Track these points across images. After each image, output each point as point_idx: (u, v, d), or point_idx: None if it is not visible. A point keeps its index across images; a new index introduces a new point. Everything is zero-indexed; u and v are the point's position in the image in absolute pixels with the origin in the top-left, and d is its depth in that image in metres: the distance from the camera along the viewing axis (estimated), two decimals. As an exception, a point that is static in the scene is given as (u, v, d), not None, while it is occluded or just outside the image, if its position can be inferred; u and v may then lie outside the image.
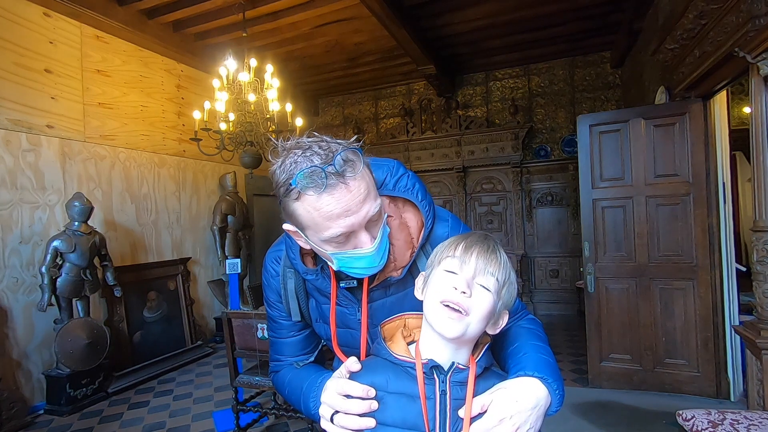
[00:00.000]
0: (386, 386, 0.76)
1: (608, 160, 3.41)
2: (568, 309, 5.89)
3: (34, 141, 3.51)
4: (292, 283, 0.96)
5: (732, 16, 2.39)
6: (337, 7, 4.18)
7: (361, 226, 0.75)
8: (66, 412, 3.25)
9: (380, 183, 0.88)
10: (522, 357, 0.80)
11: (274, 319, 1.03)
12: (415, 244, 0.89)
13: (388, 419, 0.74)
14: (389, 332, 0.84)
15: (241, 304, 4.00)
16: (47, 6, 3.60)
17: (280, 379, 1.02)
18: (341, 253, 0.78)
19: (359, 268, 0.80)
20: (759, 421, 1.76)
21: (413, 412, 0.74)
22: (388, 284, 0.89)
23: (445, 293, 0.73)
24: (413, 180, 0.90)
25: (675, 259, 3.21)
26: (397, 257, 0.88)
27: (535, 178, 6.09)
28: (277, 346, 1.04)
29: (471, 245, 0.75)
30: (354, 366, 0.80)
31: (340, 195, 0.71)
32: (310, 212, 0.73)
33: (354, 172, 0.71)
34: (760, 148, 2.15)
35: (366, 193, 0.74)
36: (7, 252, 3.30)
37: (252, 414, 2.80)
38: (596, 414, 2.96)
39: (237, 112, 3.73)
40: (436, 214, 0.92)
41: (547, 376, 0.75)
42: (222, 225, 5.08)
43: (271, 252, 1.01)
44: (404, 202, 0.91)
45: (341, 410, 0.76)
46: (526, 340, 0.86)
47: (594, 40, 5.49)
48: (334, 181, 0.70)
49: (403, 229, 0.90)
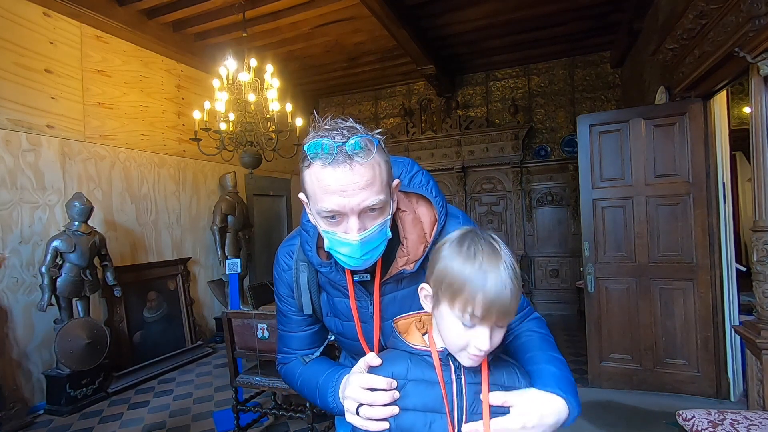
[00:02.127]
0: (406, 375, 0.81)
1: (608, 160, 3.41)
2: (568, 309, 5.88)
3: (34, 141, 3.51)
4: (305, 277, 0.98)
5: (732, 16, 2.39)
6: (337, 7, 4.18)
7: (353, 212, 0.77)
8: (66, 412, 3.25)
9: (396, 178, 0.91)
10: (544, 370, 0.82)
11: (285, 313, 1.05)
12: (428, 239, 0.91)
13: (410, 405, 0.79)
14: (403, 327, 0.88)
15: (241, 304, 3.99)
16: (47, 6, 3.60)
17: (290, 371, 1.05)
18: (331, 233, 0.81)
19: (343, 255, 0.82)
20: (759, 421, 1.76)
21: (433, 396, 0.79)
22: (400, 278, 0.91)
23: (467, 348, 0.74)
24: (427, 177, 0.94)
25: (675, 259, 3.21)
26: (411, 251, 0.90)
27: (535, 178, 6.09)
28: (285, 339, 1.06)
29: (490, 302, 0.69)
30: (374, 361, 0.83)
31: (342, 173, 0.74)
32: (313, 181, 0.77)
33: (363, 159, 0.74)
34: (760, 148, 2.15)
35: (369, 182, 0.75)
36: (7, 252, 3.30)
37: (252, 414, 2.80)
38: (596, 414, 2.96)
39: (237, 112, 3.73)
40: (449, 211, 0.94)
41: (571, 398, 0.78)
42: (222, 225, 5.08)
43: (284, 246, 1.03)
44: (418, 199, 0.94)
45: (367, 402, 0.79)
46: (546, 351, 0.87)
47: (594, 40, 5.49)
48: (341, 159, 0.73)
49: (416, 224, 0.92)
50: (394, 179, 0.86)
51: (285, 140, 4.01)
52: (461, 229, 0.78)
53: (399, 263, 0.90)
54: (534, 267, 6.13)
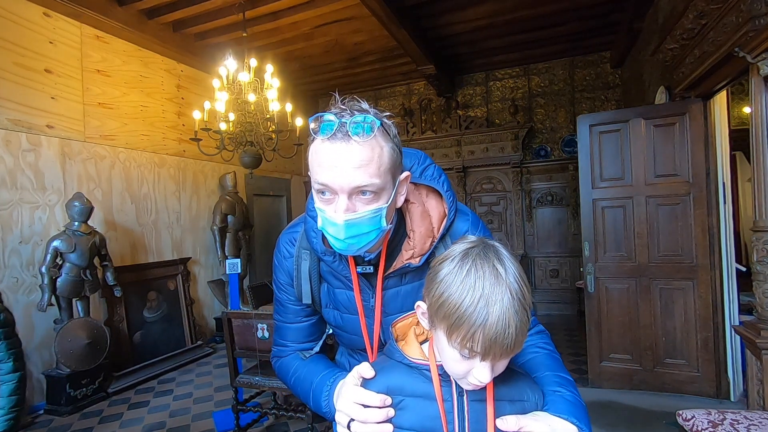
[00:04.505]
0: (402, 390, 0.75)
1: (608, 160, 3.41)
2: (568, 309, 5.88)
3: (34, 141, 3.51)
4: (306, 265, 0.96)
5: (732, 16, 2.39)
6: (337, 7, 4.18)
7: (342, 190, 0.75)
8: (66, 412, 3.25)
9: (407, 170, 0.88)
10: (557, 394, 0.79)
11: (282, 302, 1.02)
12: (435, 234, 0.89)
13: (405, 423, 0.73)
14: (401, 331, 0.83)
15: (241, 304, 3.99)
16: (47, 6, 3.60)
17: (284, 366, 1.01)
18: (322, 210, 0.80)
19: (330, 235, 0.80)
20: (759, 421, 1.76)
21: (431, 414, 0.73)
22: (404, 272, 0.89)
23: (467, 377, 0.69)
24: (440, 171, 0.94)
25: (675, 259, 3.21)
26: (417, 245, 0.88)
27: (535, 178, 6.09)
28: (282, 330, 1.04)
29: (491, 341, 0.63)
30: (367, 372, 0.78)
31: (338, 149, 0.73)
32: (312, 153, 0.78)
33: (362, 139, 0.73)
34: (760, 148, 2.15)
35: (364, 162, 0.73)
36: (7, 252, 3.30)
37: (252, 414, 2.80)
38: (596, 414, 2.96)
39: (237, 112, 3.73)
40: (458, 207, 0.93)
41: (584, 427, 0.76)
42: (222, 225, 5.08)
43: (286, 233, 1.00)
44: (428, 192, 0.92)
45: (359, 419, 0.75)
46: (555, 371, 0.84)
47: (594, 40, 5.49)
48: (339, 136, 0.73)
49: (425, 217, 0.90)
50: (404, 171, 0.84)
51: (285, 140, 4.01)
52: (466, 242, 0.71)
53: (404, 256, 0.88)
54: (534, 267, 6.13)
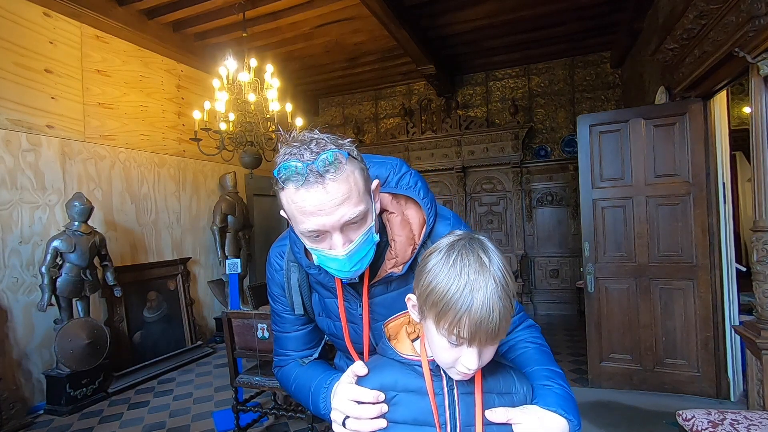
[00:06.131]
0: (395, 386, 0.77)
1: (608, 160, 3.41)
2: (568, 309, 5.89)
3: (34, 141, 3.51)
4: (295, 277, 0.97)
5: (732, 16, 2.39)
6: (337, 7, 4.18)
7: (334, 228, 0.75)
8: (66, 412, 3.25)
9: (383, 180, 0.90)
10: (546, 387, 0.81)
11: (278, 313, 1.04)
12: (416, 241, 0.90)
13: (399, 418, 0.76)
14: (393, 330, 0.85)
15: (241, 304, 4.00)
16: (47, 6, 3.60)
17: (285, 374, 1.03)
18: (317, 250, 0.79)
19: (333, 268, 0.81)
20: (759, 421, 1.76)
21: (423, 408, 0.76)
22: (389, 280, 0.89)
23: (456, 365, 0.71)
24: (416, 178, 0.93)
25: (675, 259, 3.21)
26: (399, 254, 0.89)
27: (535, 178, 6.09)
28: (281, 340, 1.05)
29: (476, 325, 0.65)
30: (361, 370, 0.80)
31: (316, 193, 0.72)
32: (289, 203, 0.75)
33: (336, 175, 0.72)
34: (760, 148, 2.15)
35: (345, 197, 0.73)
36: (7, 252, 3.30)
37: (252, 414, 2.80)
38: (596, 414, 2.96)
39: (237, 112, 3.73)
40: (438, 212, 0.93)
41: (573, 419, 0.77)
42: (222, 225, 5.08)
43: (275, 247, 1.02)
44: (407, 200, 0.92)
45: (353, 416, 0.77)
46: (544, 365, 0.86)
47: (594, 40, 5.49)
48: (312, 179, 0.71)
49: (405, 226, 0.90)
50: (374, 180, 0.84)
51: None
52: (452, 235, 0.73)
53: (387, 266, 0.89)
54: (534, 267, 6.13)
